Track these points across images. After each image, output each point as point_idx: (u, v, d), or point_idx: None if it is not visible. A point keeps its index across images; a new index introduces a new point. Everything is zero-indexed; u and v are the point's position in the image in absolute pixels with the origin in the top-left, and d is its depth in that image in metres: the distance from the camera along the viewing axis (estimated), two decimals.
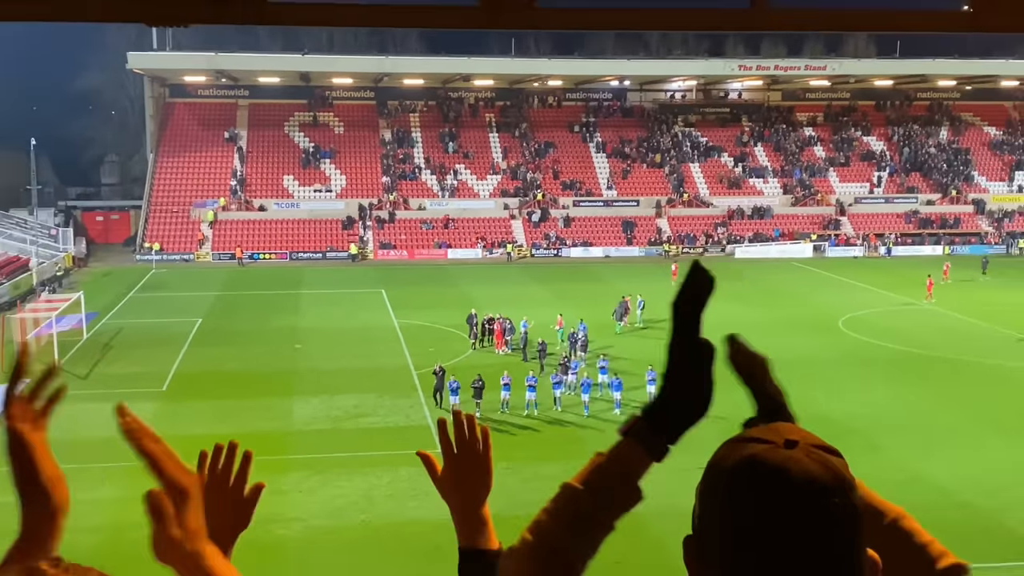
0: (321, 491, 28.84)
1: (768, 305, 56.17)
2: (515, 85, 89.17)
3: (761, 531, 1.56)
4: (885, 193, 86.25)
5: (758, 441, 1.63)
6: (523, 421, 35.24)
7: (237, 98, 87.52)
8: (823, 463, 1.58)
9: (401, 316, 52.50)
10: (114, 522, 25.24)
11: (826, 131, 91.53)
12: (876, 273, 68.02)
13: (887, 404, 36.86)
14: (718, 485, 1.65)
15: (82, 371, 42.42)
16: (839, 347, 46.32)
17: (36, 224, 76.11)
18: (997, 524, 26.49)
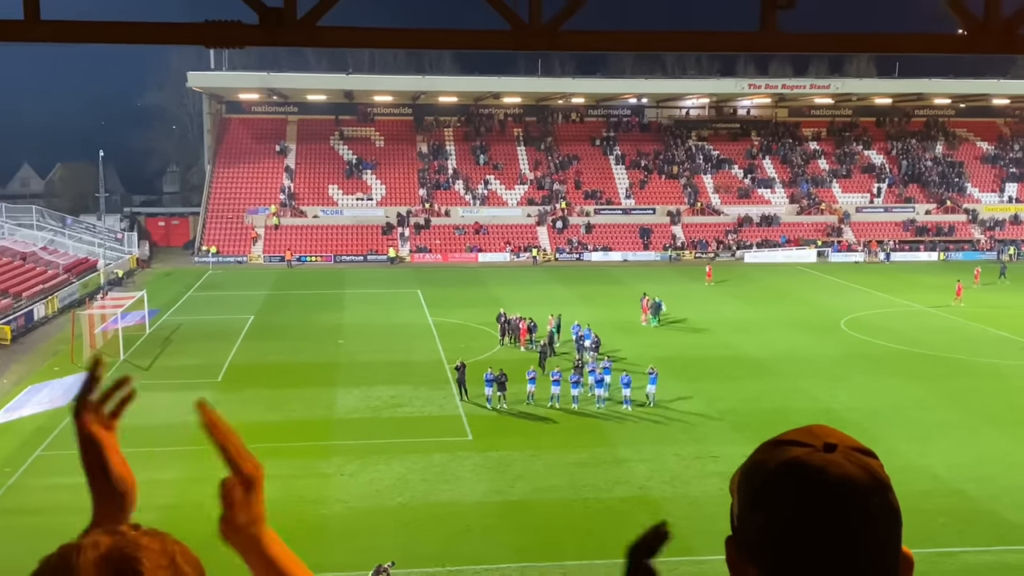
0: (361, 475, 28.94)
1: (775, 306, 55.94)
2: (541, 102, 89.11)
3: (802, 531, 1.55)
4: (884, 203, 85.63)
5: (798, 444, 1.62)
6: (546, 413, 35.24)
7: (287, 114, 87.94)
8: (861, 465, 1.58)
9: (435, 314, 52.60)
10: (173, 502, 25.42)
11: (829, 145, 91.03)
12: (876, 277, 67.57)
13: (885, 398, 36.62)
14: (759, 487, 1.63)
15: (144, 363, 42.76)
16: (841, 345, 46.03)
17: (104, 229, 76.74)
18: (989, 511, 26.26)
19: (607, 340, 43.64)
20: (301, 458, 29.82)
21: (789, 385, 38.40)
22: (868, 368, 41.32)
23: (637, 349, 43.41)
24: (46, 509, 24.99)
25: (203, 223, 78.39)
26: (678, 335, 47.85)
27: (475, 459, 30.42)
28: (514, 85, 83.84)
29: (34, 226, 71.27)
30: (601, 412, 35.00)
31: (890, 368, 41.26)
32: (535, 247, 77.14)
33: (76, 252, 68.34)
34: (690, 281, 62.01)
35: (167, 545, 1.49)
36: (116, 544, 1.45)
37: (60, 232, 71.87)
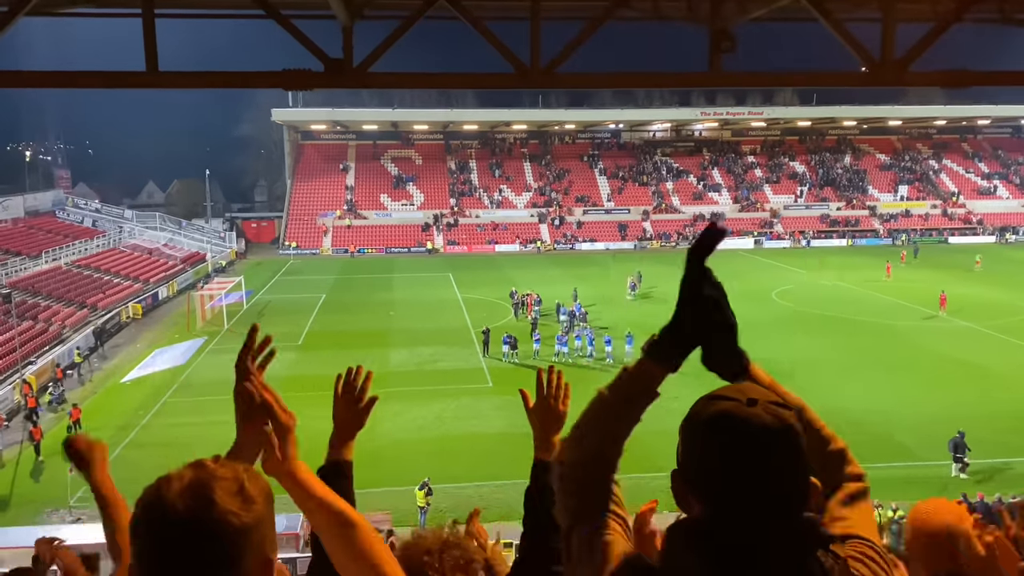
0: (408, 414, 29.08)
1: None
2: (542, 128, 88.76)
3: (730, 467, 1.54)
4: (806, 202, 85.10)
5: (727, 399, 1.61)
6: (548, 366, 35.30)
7: (347, 140, 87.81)
8: (776, 415, 1.56)
9: (463, 292, 52.66)
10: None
11: (763, 158, 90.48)
12: (800, 259, 67.31)
13: (806, 352, 36.55)
14: (696, 432, 1.62)
15: (243, 331, 42.58)
16: (772, 312, 45.91)
17: (210, 229, 76.98)
18: (887, 436, 26.26)
19: (593, 311, 43.68)
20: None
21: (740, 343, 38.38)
22: (793, 328, 41.25)
23: (617, 317, 43.40)
24: (171, 443, 25.25)
25: (285, 224, 78.48)
26: (647, 305, 47.79)
27: (495, 401, 30.55)
28: (521, 116, 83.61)
29: (157, 228, 71.56)
30: (590, 365, 35.07)
31: (809, 328, 41.19)
32: (538, 240, 76.99)
33: (189, 247, 68.62)
34: (655, 264, 61.76)
35: (238, 473, 1.47)
36: (196, 476, 1.44)
37: (177, 232, 72.12)
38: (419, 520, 21.12)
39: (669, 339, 1.81)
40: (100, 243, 61.31)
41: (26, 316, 41.05)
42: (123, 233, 66.77)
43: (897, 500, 20.68)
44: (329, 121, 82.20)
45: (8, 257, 50.56)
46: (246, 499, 1.43)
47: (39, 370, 34.67)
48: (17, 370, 33.93)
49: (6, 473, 25.21)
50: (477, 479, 23.43)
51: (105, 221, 69.12)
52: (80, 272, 52.76)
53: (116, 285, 52.09)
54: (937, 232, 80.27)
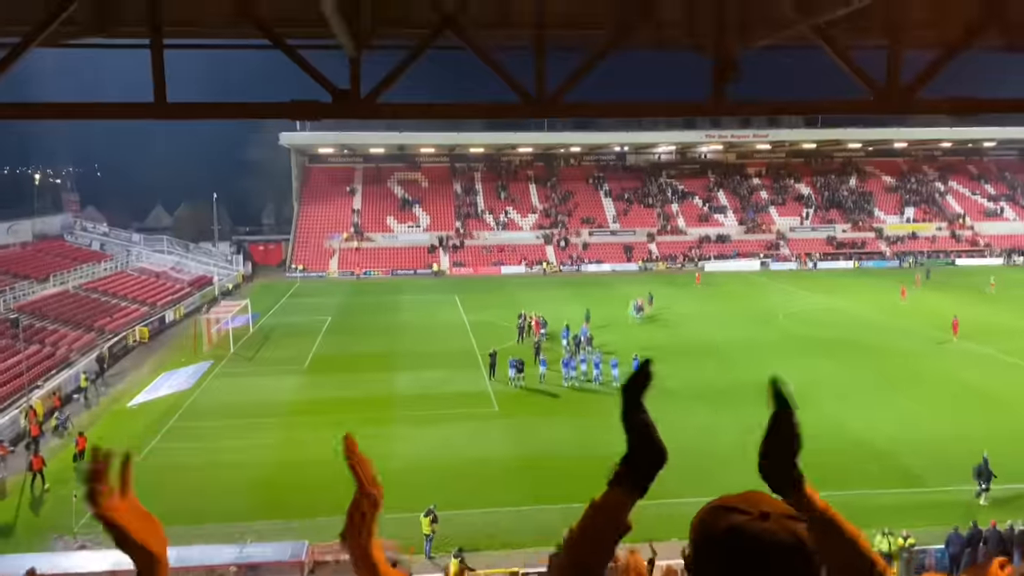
0: (414, 438, 28.95)
1: (727, 303, 55.68)
2: (547, 151, 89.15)
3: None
4: (811, 224, 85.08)
5: (740, 512, 1.60)
6: (554, 389, 35.19)
7: (354, 164, 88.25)
8: (789, 531, 1.56)
9: (469, 314, 52.63)
10: (272, 459, 25.51)
11: (768, 180, 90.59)
12: (806, 281, 67.17)
13: (813, 373, 36.33)
14: (710, 546, 1.61)
15: (249, 355, 42.95)
16: (779, 333, 45.77)
17: (217, 252, 77.23)
18: (895, 461, 26.02)
19: (598, 333, 43.57)
20: (368, 425, 29.83)
21: (740, 365, 38.18)
22: (799, 350, 41.06)
23: (623, 340, 43.28)
24: (176, 466, 25.18)
25: (292, 246, 78.74)
26: (653, 328, 47.69)
27: (501, 425, 30.43)
28: (526, 139, 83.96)
29: (164, 251, 71.82)
30: (597, 388, 34.92)
31: (817, 350, 40.98)
32: (544, 261, 77.04)
33: (196, 271, 68.81)
34: (661, 285, 61.75)
35: None
36: None
37: (184, 256, 72.36)
38: (424, 548, 20.94)
39: (628, 466, 1.82)
40: (108, 266, 61.57)
41: (33, 340, 41.14)
42: (131, 256, 67.07)
43: (907, 527, 20.44)
44: (336, 145, 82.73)
45: (16, 281, 50.77)
46: None
47: (45, 394, 34.69)
48: (24, 394, 33.96)
49: (11, 500, 25.15)
50: (484, 505, 23.25)
51: (113, 244, 69.45)
52: (87, 296, 52.93)
53: (123, 308, 52.22)
54: (944, 254, 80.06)
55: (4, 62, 5.41)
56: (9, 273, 52.75)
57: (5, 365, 36.86)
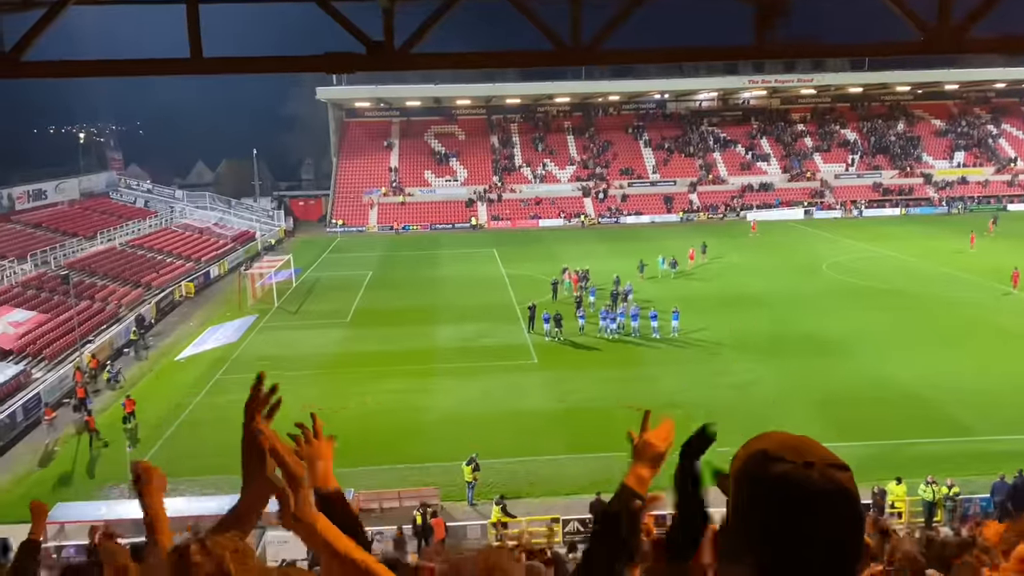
0: (454, 390, 29.31)
1: (771, 254, 54.92)
2: (585, 100, 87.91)
3: (785, 531, 1.57)
4: (857, 171, 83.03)
5: (784, 461, 1.62)
6: (593, 341, 35.26)
7: (391, 117, 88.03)
8: (832, 480, 1.59)
9: (507, 268, 52.69)
10: (316, 411, 26.05)
11: (813, 126, 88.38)
12: (851, 229, 65.80)
13: (857, 323, 35.85)
14: (754, 495, 1.64)
15: (293, 308, 43.66)
16: (823, 283, 45.10)
17: (259, 208, 78.12)
18: (942, 411, 25.69)
19: (639, 286, 43.37)
20: (410, 378, 30.31)
21: (782, 316, 37.80)
22: (843, 301, 40.42)
23: (662, 292, 43.05)
24: (223, 418, 25.87)
25: (332, 202, 79.30)
26: (695, 279, 47.25)
27: (540, 376, 30.63)
28: (564, 88, 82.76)
29: (207, 207, 72.87)
30: (636, 341, 34.90)
31: (861, 301, 40.31)
32: (582, 214, 76.54)
33: (239, 226, 69.77)
34: (701, 236, 61.01)
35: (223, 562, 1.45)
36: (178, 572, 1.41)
37: (227, 212, 73.38)
38: (467, 495, 21.36)
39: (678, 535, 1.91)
40: (152, 223, 62.71)
41: (84, 296, 42.27)
42: (174, 213, 68.16)
43: (952, 476, 20.26)
44: (372, 98, 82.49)
45: (65, 238, 52.02)
46: None
47: (97, 348, 35.76)
48: (77, 348, 35.04)
49: (67, 454, 26.14)
50: (523, 454, 23.56)
51: (157, 201, 70.62)
52: (134, 252, 54.08)
53: (169, 264, 53.29)
54: (996, 200, 77.68)
55: (43, 20, 5.47)
56: (59, 231, 54.05)
57: (58, 321, 38.02)
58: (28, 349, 34.54)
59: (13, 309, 38.50)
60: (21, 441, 27.11)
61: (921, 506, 19.89)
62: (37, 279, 43.55)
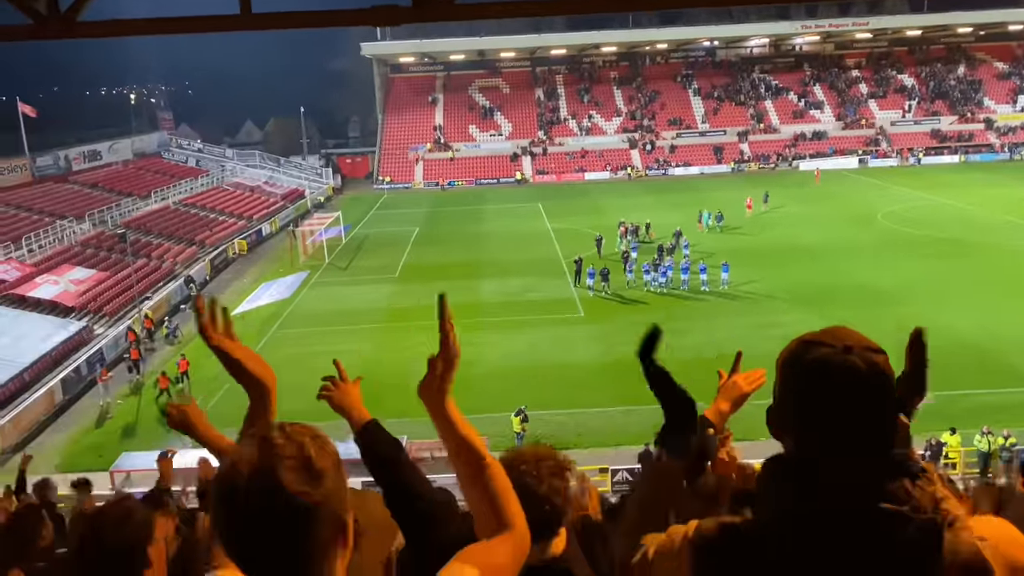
0: (501, 343, 29.57)
1: (825, 204, 53.76)
2: (632, 49, 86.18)
3: (825, 409, 1.66)
4: (915, 117, 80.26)
5: (825, 345, 1.69)
6: (640, 295, 35.16)
7: (436, 72, 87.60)
8: (869, 362, 1.65)
9: (552, 222, 52.52)
10: (368, 363, 26.56)
11: (868, 72, 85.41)
12: (907, 178, 63.92)
13: (912, 273, 35.09)
14: (797, 378, 1.72)
15: (343, 264, 44.33)
16: (877, 234, 44.09)
17: (307, 166, 78.86)
18: (1000, 361, 25.13)
19: (690, 238, 42.91)
20: (457, 332, 30.56)
21: (835, 267, 37.14)
22: (899, 251, 39.51)
23: (712, 245, 42.56)
24: (276, 370, 26.53)
25: (379, 159, 79.64)
26: (745, 232, 46.53)
27: (586, 330, 30.72)
28: (610, 37, 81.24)
29: (257, 166, 73.82)
30: (685, 294, 34.68)
31: (917, 250, 39.36)
32: (629, 166, 75.62)
33: (288, 184, 70.62)
34: (753, 187, 59.83)
35: (304, 448, 1.49)
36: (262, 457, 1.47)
37: (276, 170, 74.25)
38: (516, 445, 21.66)
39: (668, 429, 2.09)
40: (204, 182, 63.81)
41: (140, 254, 43.44)
42: (225, 172, 69.20)
43: (1008, 427, 19.89)
44: (417, 53, 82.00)
45: (120, 198, 53.30)
46: (313, 476, 1.47)
47: (155, 305, 36.83)
48: (136, 304, 36.15)
49: (130, 407, 27.16)
50: (571, 406, 23.78)
51: (208, 160, 71.74)
52: (187, 211, 55.22)
53: (222, 222, 54.32)
54: None
55: None
56: (114, 191, 55.39)
57: (116, 279, 39.20)
58: (89, 306, 35.75)
59: (74, 267, 39.80)
60: (87, 395, 28.21)
61: (976, 457, 19.64)
62: (96, 238, 44.84)
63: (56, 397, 27.37)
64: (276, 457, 1.46)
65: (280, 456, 1.46)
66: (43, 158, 55.66)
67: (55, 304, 35.20)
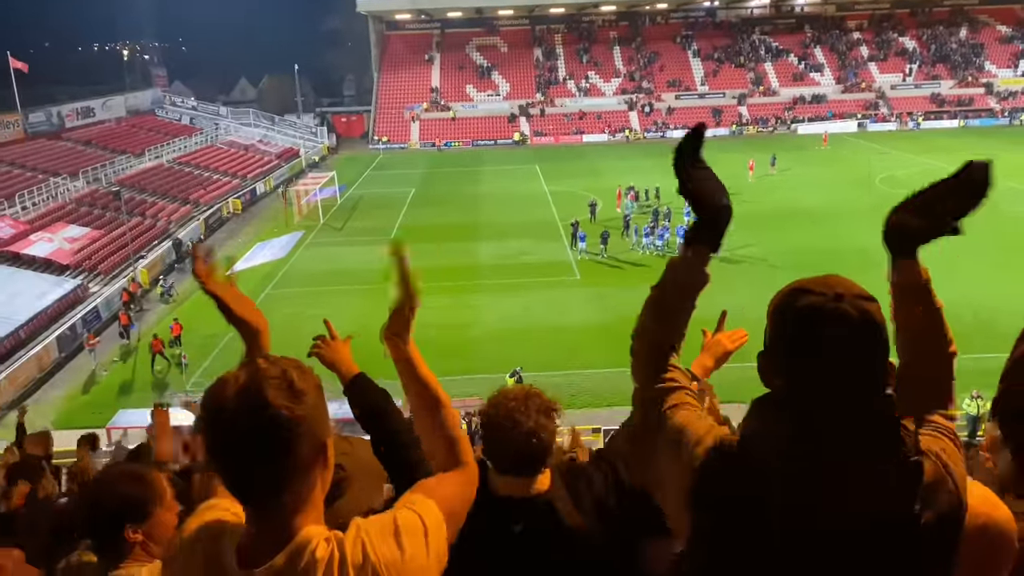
0: (497, 305, 29.60)
1: (823, 167, 53.55)
2: (631, 9, 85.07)
3: (815, 358, 1.67)
4: (915, 81, 79.60)
5: (815, 293, 1.71)
6: (638, 258, 35.13)
7: (432, 30, 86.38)
8: (860, 309, 1.67)
9: (549, 184, 52.25)
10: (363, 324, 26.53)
11: (869, 34, 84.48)
12: (906, 142, 63.57)
13: None
14: (787, 324, 1.73)
15: (338, 225, 44.12)
16: (875, 198, 43.75)
17: (302, 125, 78.11)
18: (991, 326, 25.19)
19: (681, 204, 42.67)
20: (453, 294, 30.57)
21: (833, 232, 37.07)
22: None
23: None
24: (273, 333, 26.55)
25: (374, 118, 78.88)
26: (746, 195, 46.31)
27: (582, 293, 30.73)
28: None
29: (251, 124, 73.08)
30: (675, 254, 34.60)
31: None
32: (627, 128, 75.05)
33: (283, 143, 70.01)
34: (753, 151, 59.39)
35: (287, 371, 1.61)
36: (248, 377, 1.59)
37: (271, 128, 73.55)
38: None
39: (699, 223, 1.98)
40: (198, 140, 63.20)
41: (134, 212, 43.16)
42: (219, 130, 68.51)
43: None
44: (413, 10, 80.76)
45: (114, 155, 52.81)
46: (296, 394, 1.58)
47: (151, 263, 36.71)
48: (131, 263, 36.02)
49: (122, 369, 27.20)
50: (565, 368, 23.86)
51: (202, 119, 70.96)
52: (181, 169, 54.76)
53: (216, 181, 53.93)
54: None
55: None
56: (108, 148, 54.86)
57: (111, 237, 39.00)
58: (84, 264, 35.62)
59: (68, 225, 39.56)
60: (83, 352, 28.24)
61: (965, 420, 19.82)
62: (90, 196, 44.52)
63: (52, 354, 27.42)
64: (262, 377, 1.58)
65: (265, 376, 1.58)
66: (36, 114, 54.98)
67: (49, 262, 35.05)
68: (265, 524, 1.61)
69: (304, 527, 1.61)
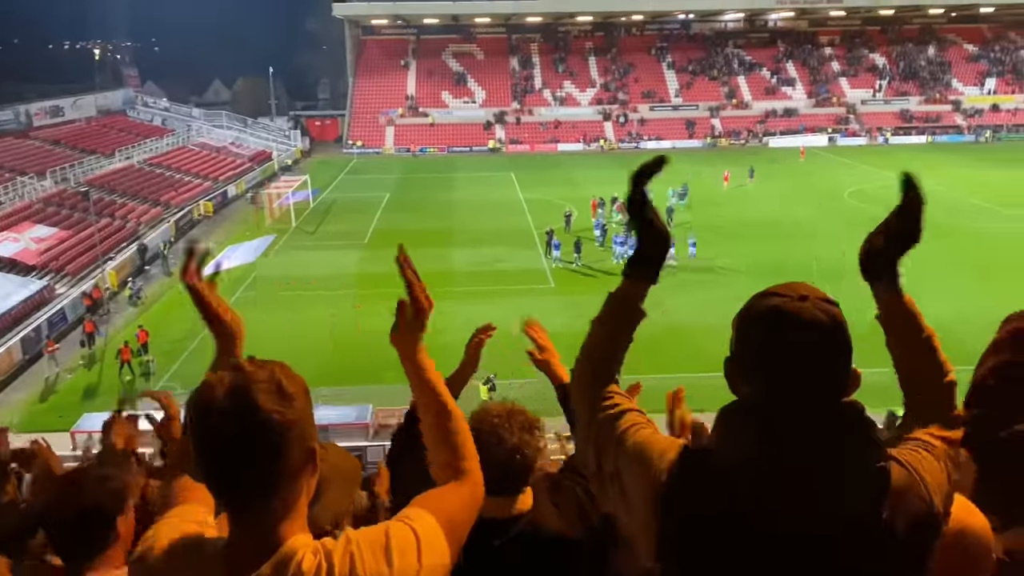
0: (470, 313, 29.33)
1: (792, 180, 54.21)
2: (607, 20, 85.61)
3: (779, 357, 1.67)
4: (885, 96, 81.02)
5: (780, 295, 1.72)
6: (611, 267, 35.33)
7: (409, 35, 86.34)
8: (823, 311, 1.69)
9: (525, 192, 52.37)
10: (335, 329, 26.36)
11: (841, 50, 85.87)
12: (876, 157, 64.58)
13: None
14: (751, 325, 1.74)
15: (311, 229, 43.83)
16: (844, 212, 44.57)
17: (275, 128, 77.58)
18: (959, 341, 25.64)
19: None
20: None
21: (801, 245, 37.55)
22: (864, 230, 39.25)
23: (682, 219, 42.71)
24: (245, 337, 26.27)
25: (349, 122, 78.55)
26: (713, 207, 46.77)
27: (556, 301, 30.75)
28: (585, 5, 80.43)
29: (224, 126, 72.43)
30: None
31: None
32: (602, 138, 75.49)
33: (256, 146, 69.47)
34: (725, 163, 60.00)
35: (274, 374, 1.58)
36: (236, 381, 1.55)
37: (243, 131, 72.95)
38: None
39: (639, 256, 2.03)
40: (170, 141, 62.50)
41: (103, 214, 42.55)
42: (191, 131, 67.79)
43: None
44: (390, 15, 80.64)
45: (83, 156, 52.05)
46: (285, 397, 1.55)
47: (119, 265, 36.19)
48: (99, 265, 35.48)
49: (84, 376, 26.76)
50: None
51: (174, 120, 70.20)
52: (152, 170, 54.11)
53: (187, 183, 53.35)
54: None
55: None
56: (77, 148, 54.07)
57: (79, 238, 38.40)
58: (51, 265, 35.03)
59: (35, 225, 38.91)
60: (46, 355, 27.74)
61: None
62: (57, 196, 43.82)
63: (15, 356, 26.89)
64: (249, 380, 1.54)
65: (253, 379, 1.54)
66: (3, 112, 54.07)
67: (15, 262, 34.42)
68: (250, 530, 1.57)
69: (291, 536, 1.57)
